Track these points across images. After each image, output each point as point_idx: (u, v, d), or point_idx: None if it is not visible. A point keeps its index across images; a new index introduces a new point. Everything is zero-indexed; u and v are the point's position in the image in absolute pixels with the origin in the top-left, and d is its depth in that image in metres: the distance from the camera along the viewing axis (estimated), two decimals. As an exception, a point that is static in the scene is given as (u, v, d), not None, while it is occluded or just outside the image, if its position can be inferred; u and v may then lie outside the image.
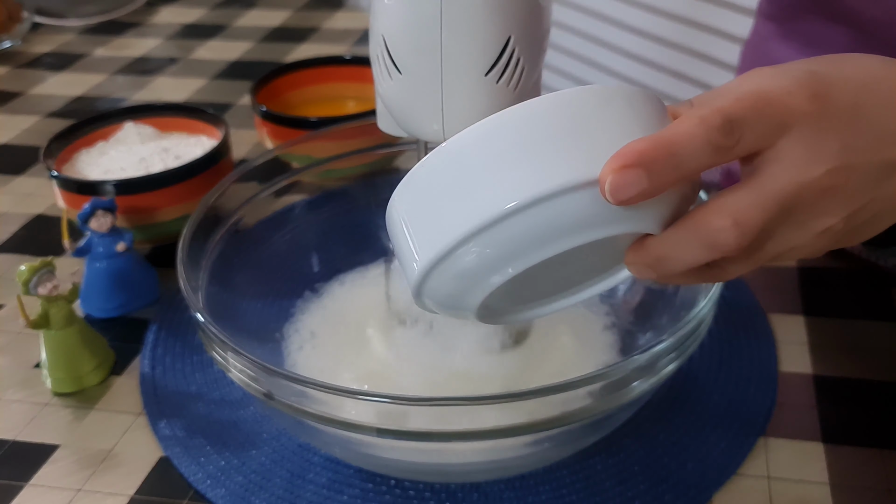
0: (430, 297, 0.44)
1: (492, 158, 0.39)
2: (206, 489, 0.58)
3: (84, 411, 0.65)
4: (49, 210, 0.91)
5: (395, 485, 0.58)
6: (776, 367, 0.66)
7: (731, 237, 0.39)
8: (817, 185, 0.40)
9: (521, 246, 0.39)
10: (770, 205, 0.39)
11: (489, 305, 0.44)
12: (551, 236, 0.39)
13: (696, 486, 0.57)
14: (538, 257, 0.40)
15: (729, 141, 0.38)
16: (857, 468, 0.58)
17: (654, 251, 0.41)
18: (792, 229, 0.41)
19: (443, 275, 0.42)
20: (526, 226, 0.39)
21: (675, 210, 0.41)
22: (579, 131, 0.38)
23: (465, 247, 0.40)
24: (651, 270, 0.42)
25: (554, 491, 0.57)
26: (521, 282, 0.42)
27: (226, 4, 1.52)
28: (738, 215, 0.39)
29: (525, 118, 0.39)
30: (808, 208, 0.40)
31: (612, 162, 0.37)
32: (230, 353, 0.52)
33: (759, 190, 0.39)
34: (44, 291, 0.64)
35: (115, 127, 0.87)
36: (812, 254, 0.44)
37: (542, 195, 0.38)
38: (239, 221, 0.68)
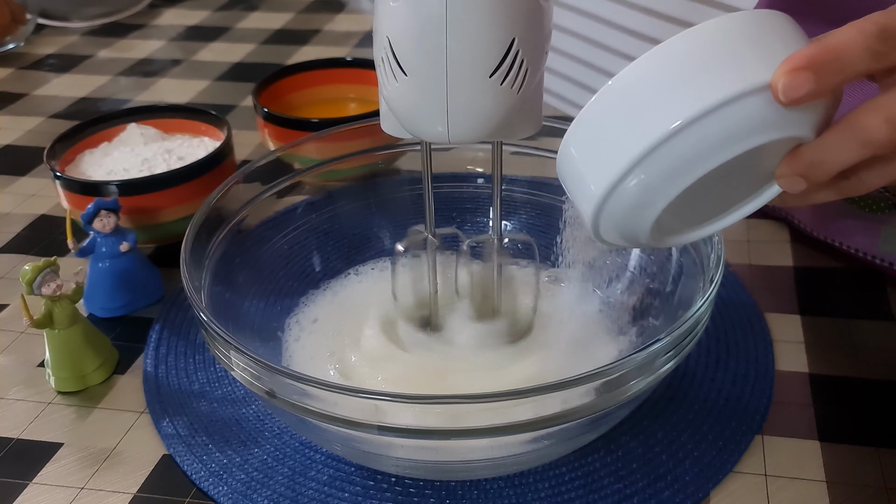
0: (608, 224, 0.47)
1: (659, 84, 0.42)
2: (208, 487, 0.59)
3: (87, 410, 0.66)
4: (53, 210, 0.91)
5: (396, 482, 0.58)
6: (773, 366, 0.66)
7: (885, 132, 0.42)
8: None
9: (696, 156, 0.42)
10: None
11: (660, 224, 0.47)
12: (722, 144, 0.42)
13: (693, 483, 0.57)
14: (709, 165, 0.42)
15: (885, 47, 0.41)
16: (853, 466, 0.58)
17: (808, 156, 0.44)
18: None
19: (621, 197, 0.44)
20: (697, 137, 0.42)
21: (826, 116, 0.44)
22: (738, 49, 0.42)
23: (644, 161, 0.43)
24: (802, 179, 0.45)
25: (553, 488, 0.57)
26: (686, 199, 0.45)
27: (228, 7, 1.52)
28: (889, 112, 0.42)
29: (685, 47, 0.42)
30: None
31: (784, 65, 0.41)
32: (233, 351, 0.52)
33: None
34: (47, 291, 0.64)
35: (119, 128, 0.87)
36: None
37: (714, 104, 0.41)
38: (241, 222, 0.68)
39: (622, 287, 0.69)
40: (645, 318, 0.65)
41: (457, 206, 0.73)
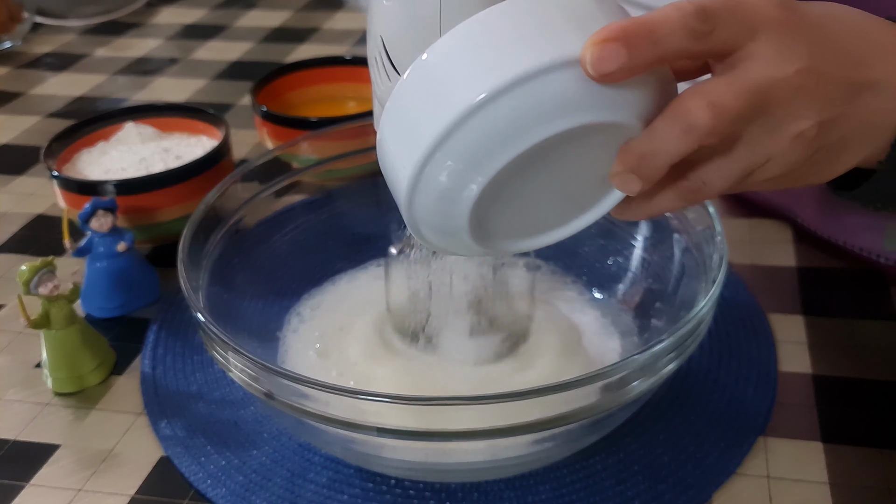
0: (424, 217, 0.44)
1: (465, 58, 0.39)
2: (206, 489, 0.58)
3: (85, 411, 0.66)
4: (50, 210, 0.91)
5: (396, 484, 0.58)
6: (775, 367, 0.66)
7: (706, 117, 0.40)
8: (789, 83, 0.41)
9: (501, 136, 0.39)
10: (743, 92, 0.41)
11: (483, 224, 0.44)
12: (530, 123, 0.39)
13: (695, 485, 0.57)
14: (518, 147, 0.40)
15: (703, 27, 0.40)
16: (856, 468, 0.58)
17: (636, 148, 0.42)
18: (767, 131, 0.42)
19: (429, 183, 0.41)
20: (503, 113, 0.39)
21: (653, 106, 0.41)
22: (550, 22, 0.39)
23: (449, 140, 0.40)
24: (635, 177, 0.42)
25: (554, 490, 0.57)
26: (512, 199, 0.43)
27: (226, 5, 1.52)
28: (712, 96, 0.40)
29: (495, 20, 0.40)
30: (781, 107, 0.42)
31: (594, 37, 0.38)
32: (231, 352, 0.52)
33: (732, 79, 0.41)
34: (44, 291, 0.64)
35: (116, 127, 0.87)
36: (788, 166, 0.44)
37: (519, 76, 0.38)
38: (239, 221, 0.68)
39: (624, 288, 0.68)
40: (647, 319, 0.65)
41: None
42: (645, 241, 0.68)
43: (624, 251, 0.69)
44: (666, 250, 0.65)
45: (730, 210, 0.83)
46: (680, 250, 0.63)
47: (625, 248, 0.69)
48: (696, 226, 0.62)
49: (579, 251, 0.72)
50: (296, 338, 0.68)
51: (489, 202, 0.43)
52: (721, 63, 0.42)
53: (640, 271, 0.68)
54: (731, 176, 0.44)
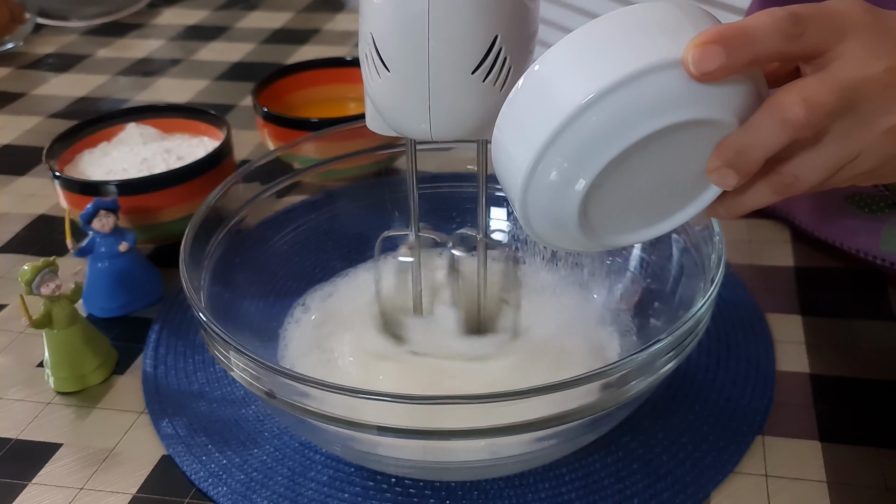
0: (536, 210, 0.46)
1: (574, 63, 0.43)
2: (207, 487, 0.59)
3: (86, 410, 0.66)
4: (52, 210, 0.91)
5: (396, 482, 0.58)
6: (773, 367, 0.66)
7: (801, 111, 0.42)
8: (879, 80, 0.44)
9: (608, 133, 0.42)
10: (835, 88, 0.43)
11: (590, 218, 0.47)
12: (634, 120, 0.42)
13: (694, 484, 0.57)
14: (626, 141, 0.42)
15: (794, 29, 0.42)
16: (854, 466, 0.58)
17: (733, 143, 0.44)
18: (857, 126, 0.44)
19: (542, 177, 0.44)
20: (610, 111, 0.42)
21: (748, 103, 0.44)
22: (649, 32, 0.43)
23: (562, 136, 0.43)
24: (732, 171, 0.44)
25: (553, 489, 0.57)
26: (620, 197, 0.46)
27: (228, 6, 1.52)
28: (806, 92, 0.43)
29: (602, 29, 0.43)
30: (870, 103, 0.44)
31: (695, 40, 0.41)
32: (232, 352, 0.52)
33: (824, 76, 0.43)
34: (46, 291, 0.64)
35: (118, 128, 0.87)
36: (878, 161, 0.46)
37: (625, 76, 0.41)
38: (241, 222, 0.68)
39: (623, 287, 0.69)
40: (645, 319, 0.65)
41: (457, 206, 0.73)
42: (644, 240, 0.68)
43: (623, 251, 0.69)
44: (665, 250, 0.65)
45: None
46: (678, 250, 0.64)
47: (624, 248, 0.69)
48: (695, 226, 0.62)
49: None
50: (297, 336, 0.68)
51: (596, 196, 0.45)
52: (811, 65, 0.44)
53: (639, 271, 0.68)
54: (823, 168, 0.45)
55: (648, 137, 0.42)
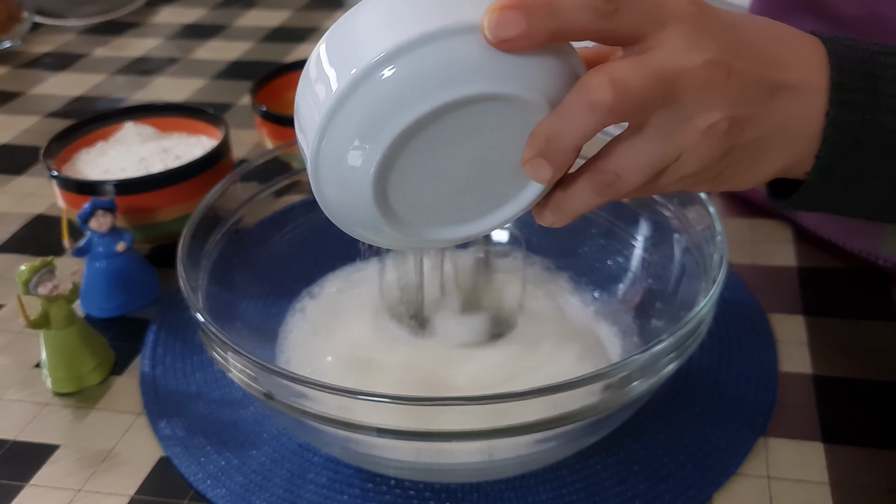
0: (331, 199, 0.44)
1: (375, 19, 0.40)
2: (206, 489, 0.58)
3: (84, 411, 0.65)
4: (49, 210, 0.91)
5: (395, 485, 0.58)
6: (776, 367, 0.66)
7: (608, 92, 0.40)
8: (697, 73, 0.42)
9: (399, 99, 0.40)
10: (647, 74, 0.41)
11: (396, 208, 0.44)
12: (428, 87, 0.39)
13: (695, 485, 0.57)
14: (418, 111, 0.40)
15: (607, 6, 0.40)
16: (857, 468, 0.58)
17: (544, 129, 0.42)
18: (677, 121, 0.42)
19: (329, 156, 0.42)
20: (402, 75, 0.39)
21: (562, 87, 0.41)
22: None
23: (345, 110, 0.40)
24: (545, 162, 0.42)
25: (554, 491, 0.57)
26: (422, 179, 0.43)
27: (226, 4, 1.52)
28: (615, 74, 0.40)
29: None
30: (690, 98, 0.42)
31: (494, 4, 0.39)
32: (230, 352, 0.52)
33: (638, 61, 0.41)
34: (44, 291, 0.64)
35: (115, 127, 0.87)
36: (702, 163, 0.44)
37: (419, 37, 0.39)
38: (239, 221, 0.68)
39: (624, 288, 0.68)
40: (647, 319, 0.65)
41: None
42: (645, 241, 0.68)
43: (624, 251, 0.69)
44: (666, 250, 0.65)
45: (730, 210, 0.83)
46: (680, 250, 0.63)
47: (625, 248, 0.69)
48: (697, 226, 0.62)
49: (579, 251, 0.72)
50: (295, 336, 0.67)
51: (397, 180, 0.42)
52: (629, 50, 0.42)
53: (641, 271, 0.68)
54: (644, 167, 0.43)
55: (445, 110, 0.40)
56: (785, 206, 0.51)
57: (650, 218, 0.67)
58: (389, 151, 0.41)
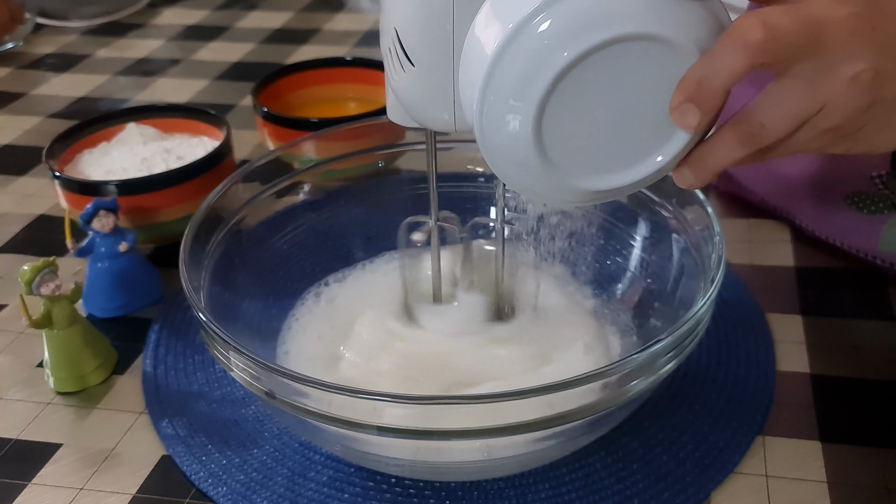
0: (492, 133, 0.46)
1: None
2: (207, 488, 0.58)
3: (86, 410, 0.66)
4: (51, 210, 0.91)
5: (396, 483, 0.58)
6: (774, 367, 0.66)
7: (759, 32, 0.41)
8: (843, 24, 0.43)
9: (565, 35, 0.42)
10: (797, 19, 0.42)
11: (550, 151, 0.46)
12: (591, 25, 0.42)
13: (694, 484, 0.57)
14: (581, 46, 0.42)
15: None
16: (854, 467, 0.58)
17: (694, 73, 0.43)
18: (821, 70, 0.43)
19: (498, 88, 0.44)
20: (562, 16, 0.42)
21: (711, 36, 0.43)
22: None
23: (516, 41, 0.43)
24: (693, 106, 0.44)
25: (553, 489, 0.57)
26: (578, 120, 0.45)
27: (228, 6, 1.52)
28: (766, 17, 0.42)
29: None
30: (835, 47, 0.43)
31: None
32: (232, 352, 0.52)
33: (788, 8, 0.43)
34: (46, 291, 0.64)
35: (118, 128, 0.87)
36: (845, 114, 0.45)
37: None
38: (241, 222, 0.68)
39: (623, 287, 0.69)
40: (646, 319, 0.65)
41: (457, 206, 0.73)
42: (644, 240, 0.68)
43: (623, 251, 0.69)
44: (665, 250, 0.65)
45: (728, 210, 0.84)
46: (679, 250, 0.64)
47: (624, 248, 0.70)
48: (695, 226, 0.62)
49: (579, 251, 0.72)
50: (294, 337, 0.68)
51: (554, 122, 0.44)
52: (779, 1, 0.44)
53: (639, 271, 0.68)
54: (788, 116, 0.44)
55: (598, 50, 0.42)
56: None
57: (649, 218, 0.67)
58: (547, 93, 0.43)
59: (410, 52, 0.51)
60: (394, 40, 0.51)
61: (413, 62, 0.51)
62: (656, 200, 0.66)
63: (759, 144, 0.45)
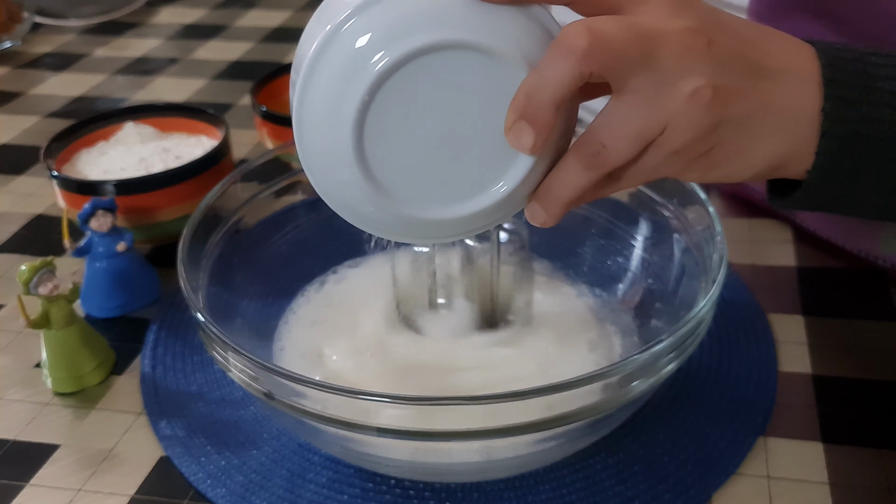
0: (310, 148, 0.44)
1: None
2: (206, 489, 0.58)
3: (84, 411, 0.66)
4: (49, 210, 0.91)
5: (395, 484, 0.58)
6: (775, 367, 0.66)
7: (585, 38, 0.40)
8: (677, 38, 0.42)
9: (386, 35, 0.41)
10: (626, 28, 0.41)
11: (374, 169, 0.43)
12: (412, 28, 0.41)
13: (695, 485, 0.57)
14: (401, 49, 0.40)
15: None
16: (856, 468, 0.58)
17: (523, 88, 0.42)
18: (658, 85, 0.42)
19: (312, 97, 0.42)
20: (388, 12, 0.41)
21: (538, 51, 0.42)
22: None
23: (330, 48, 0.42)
24: (526, 125, 0.42)
25: (554, 490, 0.57)
26: (406, 141, 0.43)
27: (226, 5, 1.52)
28: (593, 24, 0.41)
29: None
30: (670, 60, 0.42)
31: None
32: (231, 352, 0.52)
33: (617, 18, 0.42)
34: (44, 291, 0.64)
35: (116, 127, 0.87)
36: (690, 135, 0.43)
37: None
38: (239, 221, 0.68)
39: (624, 288, 0.68)
40: (647, 319, 0.65)
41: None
42: (645, 240, 0.68)
43: (624, 251, 0.69)
44: (666, 250, 0.65)
45: (730, 210, 0.84)
46: (680, 250, 0.63)
47: (625, 248, 0.69)
48: (696, 225, 0.62)
49: (579, 251, 0.72)
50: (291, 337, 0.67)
51: (379, 135, 0.42)
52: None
53: (640, 271, 0.68)
54: (629, 135, 0.43)
55: (417, 61, 0.40)
56: (786, 205, 0.51)
57: (650, 218, 0.67)
58: (364, 105, 0.41)
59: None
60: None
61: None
62: (657, 200, 0.66)
63: (603, 168, 0.44)
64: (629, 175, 0.45)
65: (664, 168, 0.45)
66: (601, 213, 0.70)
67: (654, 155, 0.44)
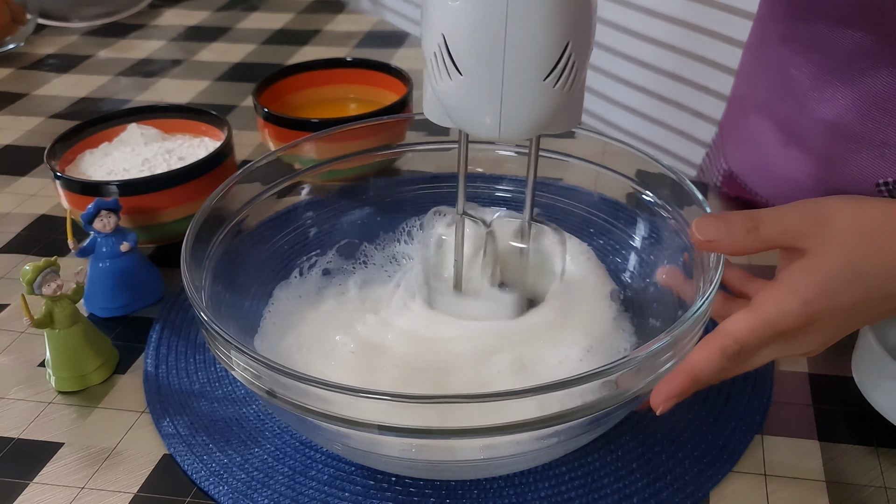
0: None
1: None
2: (208, 486, 0.59)
3: (88, 409, 0.66)
4: (53, 210, 0.91)
5: (396, 481, 0.58)
6: (772, 366, 0.66)
7: (735, 352, 0.52)
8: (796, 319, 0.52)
9: None
10: (764, 332, 0.52)
11: None
12: None
13: (693, 482, 0.57)
14: None
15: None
16: (852, 465, 0.58)
17: (686, 370, 0.52)
18: (781, 347, 0.54)
19: None
20: None
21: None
22: None
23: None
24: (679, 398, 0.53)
25: (553, 488, 0.58)
26: None
27: (229, 7, 1.52)
28: (738, 336, 0.52)
29: None
30: (793, 337, 0.53)
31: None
32: (233, 351, 0.52)
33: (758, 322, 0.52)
34: (48, 291, 0.64)
35: (119, 128, 0.87)
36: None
37: None
38: (242, 222, 0.68)
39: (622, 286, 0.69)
40: (645, 319, 0.65)
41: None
42: (643, 241, 0.68)
43: (622, 251, 0.70)
44: (664, 250, 0.65)
45: (728, 210, 0.84)
46: (678, 250, 0.64)
47: (623, 248, 0.70)
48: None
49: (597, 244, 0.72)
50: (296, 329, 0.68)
51: None
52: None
53: (638, 271, 0.68)
54: (748, 367, 0.55)
55: None
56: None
57: (648, 218, 0.68)
58: None
59: (458, 61, 0.51)
60: (440, 46, 0.51)
61: (461, 71, 0.51)
62: (656, 201, 0.66)
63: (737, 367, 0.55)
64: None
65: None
66: (600, 213, 0.71)
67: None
